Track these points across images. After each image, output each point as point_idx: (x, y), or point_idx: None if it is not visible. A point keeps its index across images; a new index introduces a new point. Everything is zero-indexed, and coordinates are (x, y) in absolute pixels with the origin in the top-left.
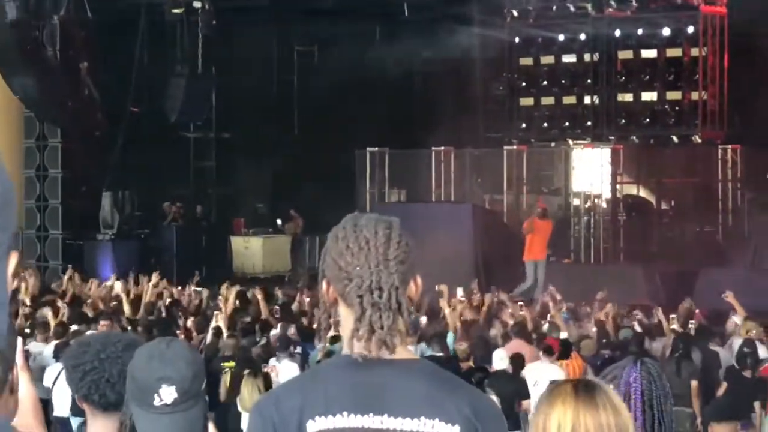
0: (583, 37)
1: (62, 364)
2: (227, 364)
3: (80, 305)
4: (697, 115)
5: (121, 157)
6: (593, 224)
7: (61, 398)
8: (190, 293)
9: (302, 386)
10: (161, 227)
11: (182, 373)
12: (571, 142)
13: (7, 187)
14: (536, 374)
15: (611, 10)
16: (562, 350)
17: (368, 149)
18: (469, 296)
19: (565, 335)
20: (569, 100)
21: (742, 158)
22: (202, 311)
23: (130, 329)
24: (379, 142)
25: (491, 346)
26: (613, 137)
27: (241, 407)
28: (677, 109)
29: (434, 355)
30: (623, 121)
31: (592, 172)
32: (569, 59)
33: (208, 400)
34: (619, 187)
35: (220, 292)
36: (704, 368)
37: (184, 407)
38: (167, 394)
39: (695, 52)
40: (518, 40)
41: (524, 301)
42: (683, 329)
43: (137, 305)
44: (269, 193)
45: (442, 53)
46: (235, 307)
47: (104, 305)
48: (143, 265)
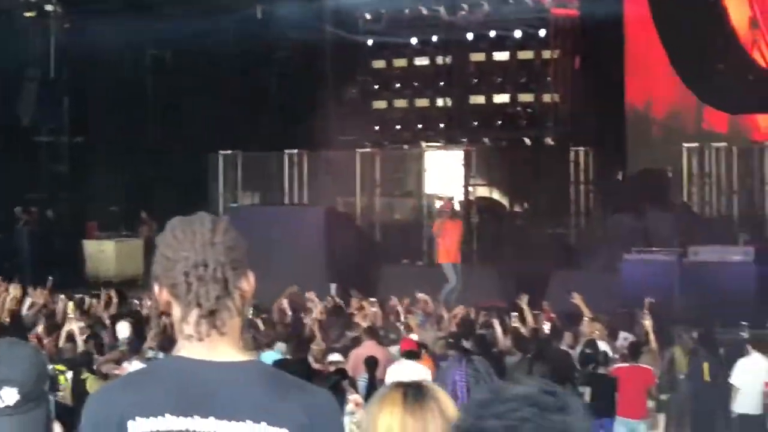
0: (435, 39)
1: None
2: (58, 366)
3: None
4: (548, 117)
5: None
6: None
7: None
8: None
9: (128, 385)
10: (14, 232)
11: (24, 374)
12: (423, 144)
13: None
14: (400, 375)
15: (463, 13)
16: (416, 350)
17: (221, 152)
18: (327, 298)
19: (416, 337)
20: (422, 102)
21: (593, 160)
22: (53, 315)
23: None
24: (232, 145)
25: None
26: (465, 139)
27: None
28: (529, 111)
29: (285, 357)
30: (476, 123)
31: (444, 174)
32: (422, 62)
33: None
34: (471, 189)
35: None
36: (556, 369)
37: (25, 409)
38: (8, 395)
39: (547, 54)
40: (371, 42)
41: (378, 303)
42: (535, 330)
43: None
44: (123, 196)
45: (295, 56)
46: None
47: None
48: None
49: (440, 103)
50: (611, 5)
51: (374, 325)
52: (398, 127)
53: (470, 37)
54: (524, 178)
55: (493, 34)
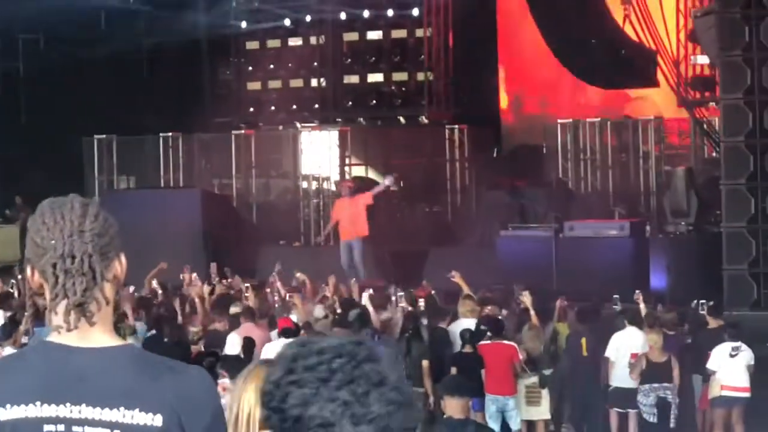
0: (308, 19)
1: None
2: None
3: None
4: (423, 95)
5: None
6: (322, 207)
7: None
8: None
9: None
10: None
11: None
12: (298, 125)
13: None
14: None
15: None
16: (293, 329)
17: (95, 136)
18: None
19: (295, 317)
20: (296, 83)
21: (468, 137)
22: None
23: None
24: (106, 129)
25: (223, 332)
26: (340, 119)
27: None
28: (404, 90)
29: (155, 335)
30: (350, 103)
31: (320, 154)
32: (295, 42)
33: None
34: (347, 169)
35: None
36: (434, 347)
37: None
38: None
39: (420, 33)
40: (245, 24)
41: (256, 283)
42: (413, 308)
43: None
44: None
45: (168, 37)
46: None
47: None
48: None
49: (314, 83)
50: None
51: (254, 306)
52: (273, 108)
53: (343, 16)
54: (400, 156)
55: (366, 13)
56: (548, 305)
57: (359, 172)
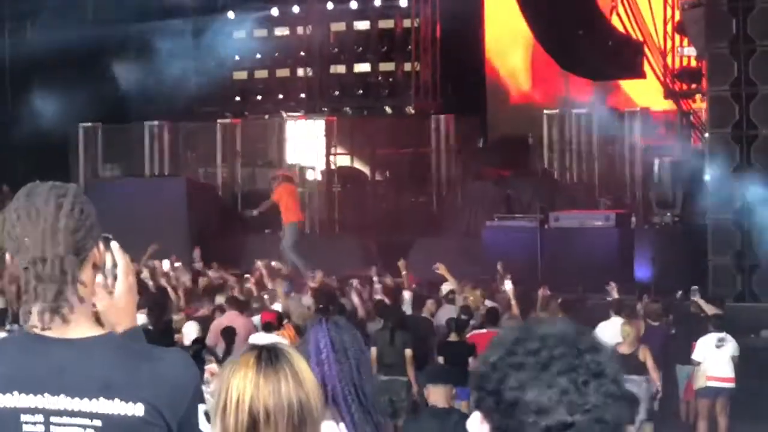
0: (296, 10)
1: None
2: None
3: None
4: (410, 86)
5: None
6: (308, 196)
7: None
8: None
9: None
10: None
11: None
12: (284, 114)
13: None
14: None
15: None
16: (276, 321)
17: (81, 125)
18: (188, 268)
19: (279, 307)
20: (282, 72)
21: (454, 128)
22: None
23: None
24: (92, 117)
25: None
26: (326, 109)
27: None
28: (390, 80)
29: (146, 326)
30: (336, 93)
31: (306, 144)
32: (282, 32)
33: None
34: (333, 158)
35: None
36: (417, 336)
37: None
38: None
39: (407, 23)
40: (231, 13)
41: (239, 274)
42: (394, 299)
43: None
44: None
45: (151, 27)
46: None
47: None
48: None
49: (301, 73)
50: None
51: (237, 294)
52: (259, 97)
53: (330, 6)
54: (385, 146)
55: (354, 4)
56: (533, 295)
57: (345, 161)
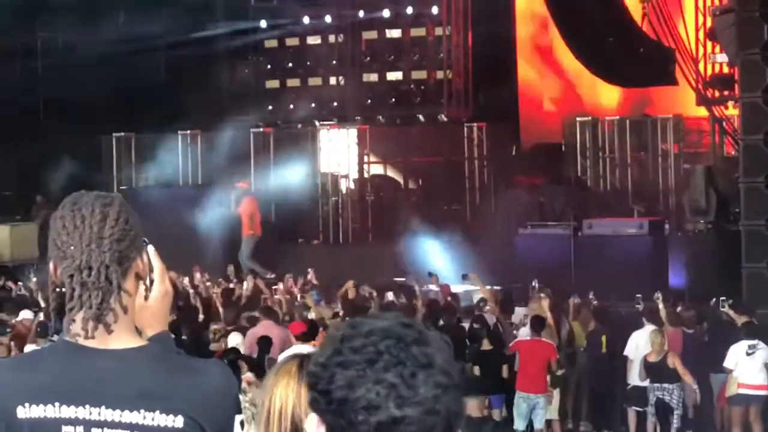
0: (328, 19)
1: None
2: None
3: None
4: (442, 94)
5: None
6: (341, 205)
7: None
8: None
9: (18, 368)
10: None
11: None
12: (317, 123)
13: None
14: None
15: None
16: (309, 331)
17: (114, 134)
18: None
19: (312, 316)
20: (315, 81)
21: (486, 135)
22: None
23: None
24: (125, 126)
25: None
26: (359, 118)
27: None
28: (423, 88)
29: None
30: (369, 101)
31: (339, 153)
32: (314, 41)
33: None
34: (366, 167)
35: None
36: (453, 344)
37: None
38: None
39: (439, 31)
40: (264, 23)
41: (270, 283)
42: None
43: None
44: (16, 180)
45: (188, 36)
46: None
47: None
48: None
49: (333, 81)
50: None
51: (272, 304)
52: (291, 106)
53: (362, 15)
54: (418, 155)
55: (385, 12)
56: (565, 304)
57: (378, 170)
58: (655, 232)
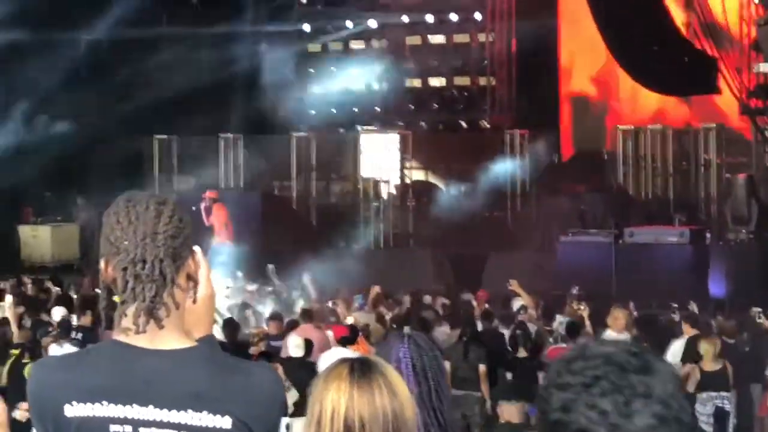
0: (372, 24)
1: None
2: (13, 351)
3: None
4: (485, 100)
5: None
6: (382, 210)
7: None
8: None
9: (65, 367)
10: None
11: None
12: (359, 128)
13: None
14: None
15: None
16: (350, 336)
17: (156, 136)
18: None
19: (351, 320)
20: (358, 86)
21: (529, 142)
22: None
23: None
24: (167, 129)
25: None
26: (401, 123)
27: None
28: (465, 94)
29: (221, 340)
30: (411, 106)
31: (380, 157)
32: (358, 46)
33: None
34: (407, 172)
35: None
36: (491, 351)
37: None
38: None
39: (483, 37)
40: (307, 26)
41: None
42: (470, 314)
43: None
44: (57, 181)
45: (229, 38)
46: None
47: None
48: None
49: (376, 86)
50: None
51: (311, 308)
52: (334, 110)
53: (406, 20)
54: (460, 160)
55: (429, 18)
56: (604, 312)
57: (419, 175)
58: (696, 241)
